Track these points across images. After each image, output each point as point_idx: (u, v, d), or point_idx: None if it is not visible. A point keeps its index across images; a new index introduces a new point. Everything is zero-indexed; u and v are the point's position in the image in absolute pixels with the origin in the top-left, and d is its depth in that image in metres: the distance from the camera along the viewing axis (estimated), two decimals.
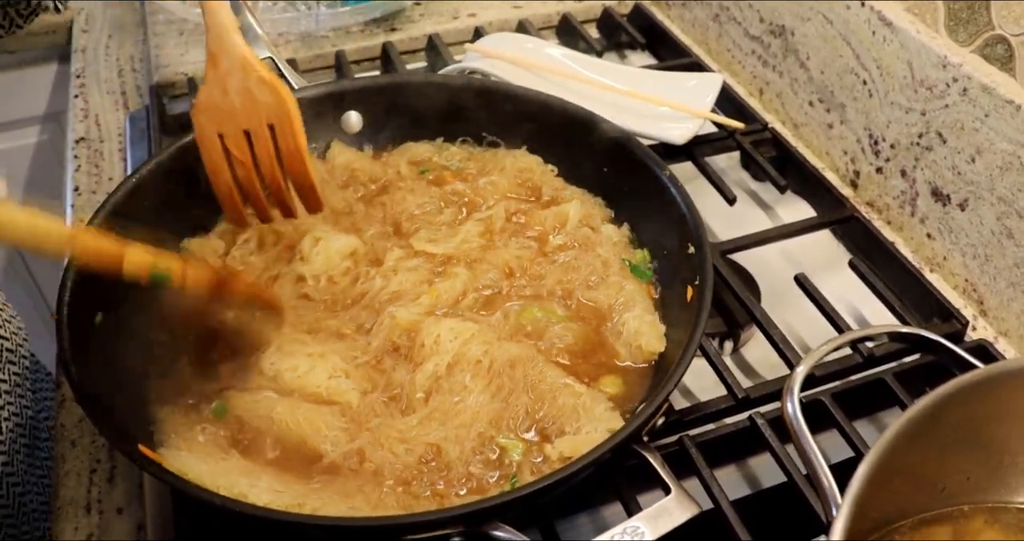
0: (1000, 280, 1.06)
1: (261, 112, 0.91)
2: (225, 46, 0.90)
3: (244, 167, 0.93)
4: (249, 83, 0.90)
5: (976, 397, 0.70)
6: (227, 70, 0.90)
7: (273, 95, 0.91)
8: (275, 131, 0.92)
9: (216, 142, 0.92)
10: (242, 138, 0.92)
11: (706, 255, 0.90)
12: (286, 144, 0.92)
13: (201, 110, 0.92)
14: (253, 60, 0.90)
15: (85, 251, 0.75)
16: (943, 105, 1.08)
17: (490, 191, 1.09)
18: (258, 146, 0.92)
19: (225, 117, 0.92)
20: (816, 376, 0.96)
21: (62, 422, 1.00)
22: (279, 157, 0.93)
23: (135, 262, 0.76)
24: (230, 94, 0.91)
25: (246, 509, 0.73)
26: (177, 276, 0.79)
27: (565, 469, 0.73)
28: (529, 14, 1.59)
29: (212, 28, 0.90)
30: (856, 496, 0.62)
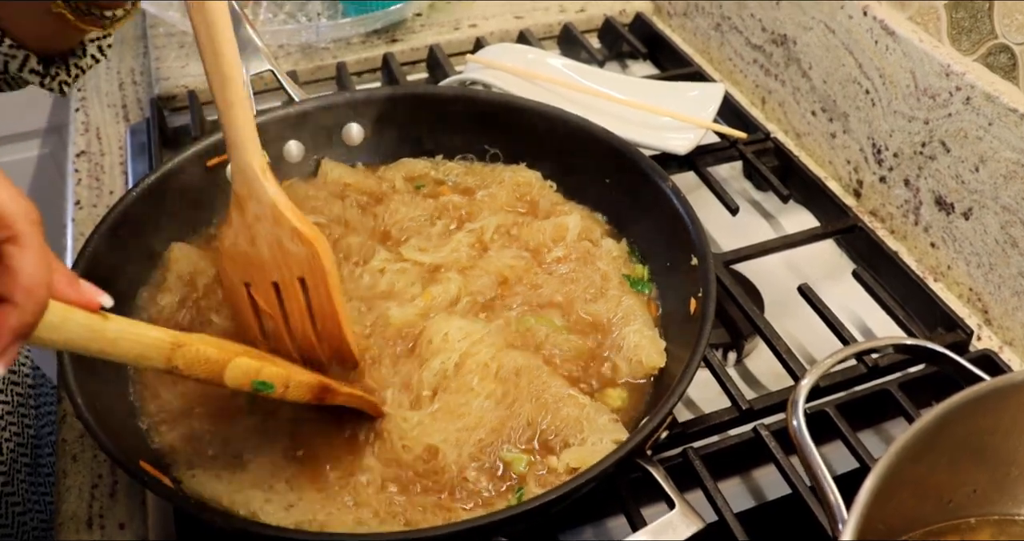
0: (1004, 289, 1.06)
1: (292, 265, 0.82)
2: (255, 191, 0.79)
3: (272, 319, 0.84)
4: (280, 234, 0.80)
5: (983, 410, 0.70)
6: (255, 217, 0.80)
7: (307, 248, 0.81)
8: (306, 285, 0.83)
9: (241, 290, 0.84)
10: (271, 290, 0.83)
11: (709, 266, 0.90)
12: (319, 301, 0.83)
13: (226, 257, 0.83)
14: (286, 208, 0.80)
15: (188, 362, 0.69)
16: (946, 114, 1.08)
17: (487, 204, 1.08)
18: (288, 300, 0.84)
19: (252, 266, 0.82)
20: (820, 387, 0.96)
21: (63, 437, 1.00)
22: (311, 312, 0.84)
23: (239, 373, 0.72)
24: (258, 242, 0.81)
25: (249, 527, 0.73)
26: (280, 385, 0.76)
27: (570, 483, 0.73)
28: (530, 24, 1.59)
29: (239, 168, 0.80)
30: (863, 509, 0.61)
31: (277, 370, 0.76)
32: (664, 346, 0.93)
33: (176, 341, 0.68)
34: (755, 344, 1.06)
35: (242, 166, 0.79)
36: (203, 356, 0.70)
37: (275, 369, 0.76)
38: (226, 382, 0.72)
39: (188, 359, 0.69)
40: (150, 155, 1.34)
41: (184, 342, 0.69)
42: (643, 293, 0.99)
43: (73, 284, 0.60)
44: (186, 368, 0.69)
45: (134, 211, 0.96)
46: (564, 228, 1.04)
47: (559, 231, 1.04)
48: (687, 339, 0.86)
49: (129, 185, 1.29)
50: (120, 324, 0.65)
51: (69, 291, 0.60)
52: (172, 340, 0.68)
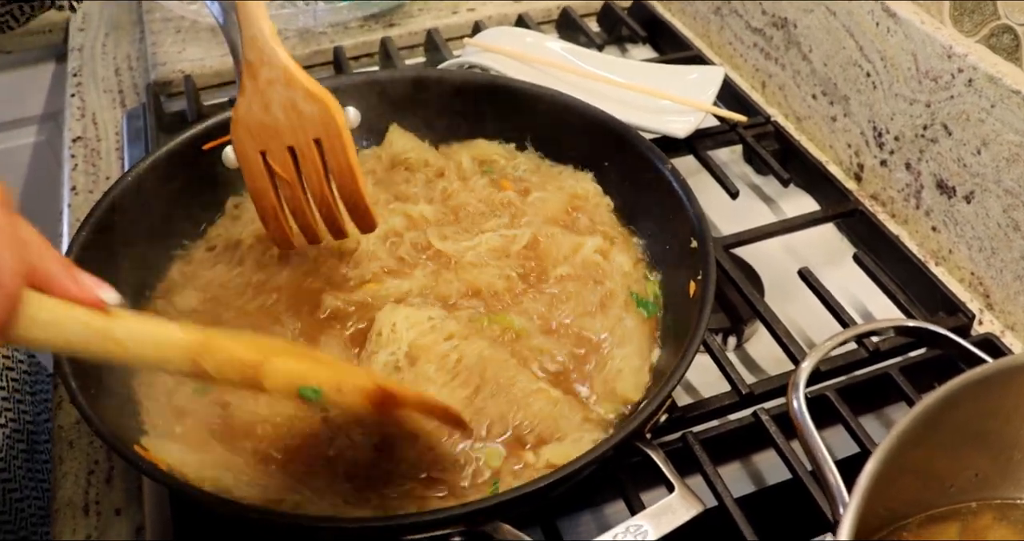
0: (1007, 273, 1.05)
1: (307, 127, 0.84)
2: (266, 56, 0.82)
3: (290, 186, 0.86)
4: (294, 96, 0.83)
5: (985, 393, 0.69)
6: (268, 82, 0.83)
7: (320, 108, 0.83)
8: (322, 146, 0.85)
9: (258, 159, 0.86)
10: (287, 155, 0.85)
11: (709, 248, 0.89)
12: (336, 160, 0.85)
13: (240, 125, 0.85)
14: (297, 71, 0.83)
15: (219, 367, 0.61)
16: (948, 96, 1.07)
17: (536, 208, 1.04)
18: (304, 163, 0.86)
19: (267, 133, 0.84)
20: (821, 371, 0.95)
21: (59, 423, 0.99)
22: (327, 174, 0.86)
23: (280, 376, 0.63)
24: (272, 108, 0.83)
25: (245, 511, 0.72)
26: (331, 391, 0.66)
27: (569, 466, 0.72)
28: (529, 8, 1.58)
29: (249, 35, 0.82)
30: (864, 493, 0.61)
31: (326, 374, 0.66)
32: (647, 381, 0.87)
33: (202, 340, 0.61)
34: (755, 329, 1.06)
35: (254, 33, 0.82)
36: (236, 358, 0.62)
37: (323, 373, 0.66)
38: (266, 387, 0.64)
39: (218, 362, 0.61)
40: (146, 140, 1.33)
41: (211, 342, 0.61)
42: (648, 314, 0.94)
43: (70, 276, 0.55)
44: (216, 372, 0.61)
45: (130, 197, 0.95)
46: (580, 248, 0.99)
47: (574, 249, 0.99)
48: (687, 321, 0.86)
49: (125, 170, 1.28)
50: (130, 322, 0.57)
51: (66, 284, 0.54)
52: (197, 339, 0.61)
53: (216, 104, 1.38)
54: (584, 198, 1.06)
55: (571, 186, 1.06)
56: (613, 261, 0.98)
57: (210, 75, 1.45)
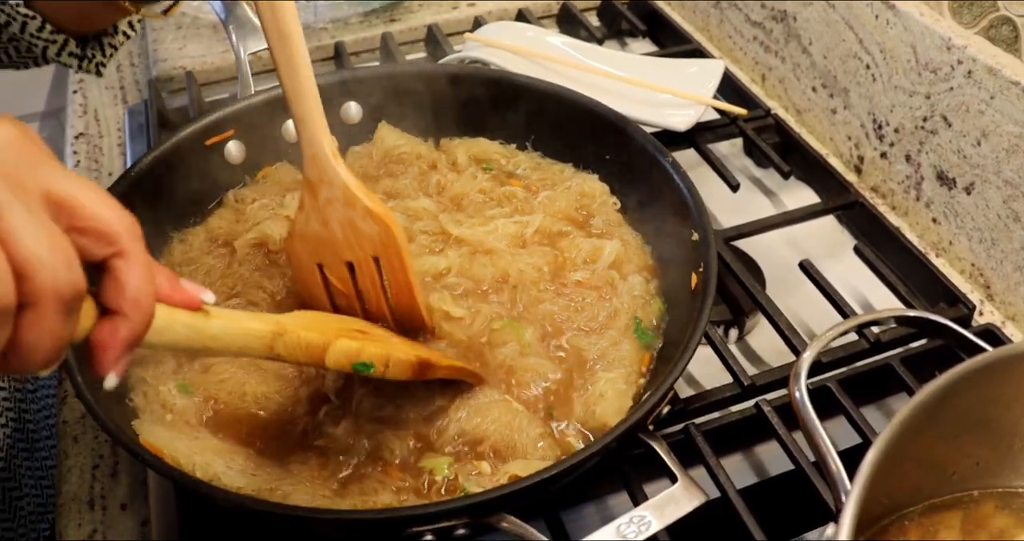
0: (1007, 264, 1.05)
1: (365, 244, 0.83)
2: (327, 175, 0.81)
3: (347, 299, 0.86)
4: (353, 215, 0.81)
5: (986, 381, 0.69)
6: (327, 200, 0.81)
7: (381, 228, 0.82)
8: (380, 263, 0.84)
9: (314, 271, 0.85)
10: (344, 270, 0.85)
11: (710, 240, 0.89)
12: (394, 278, 0.85)
13: (298, 240, 0.85)
14: (358, 189, 0.81)
15: (290, 349, 0.70)
16: (948, 88, 1.08)
17: (545, 206, 1.04)
18: (362, 278, 0.85)
19: (325, 248, 0.84)
20: (823, 362, 0.96)
21: (64, 418, 1.00)
22: (382, 286, 0.86)
23: (340, 355, 0.73)
24: (331, 224, 0.82)
25: (250, 504, 0.73)
26: (380, 365, 0.76)
27: (574, 457, 0.73)
28: (529, 3, 1.58)
29: (310, 153, 0.81)
30: (865, 482, 0.61)
31: (377, 350, 0.75)
32: (629, 407, 0.84)
33: (277, 329, 0.68)
34: (756, 321, 1.06)
35: (315, 152, 0.80)
36: (304, 342, 0.70)
37: (375, 349, 0.75)
38: (327, 364, 0.72)
39: (290, 346, 0.69)
40: (148, 136, 1.34)
41: (285, 330, 0.69)
42: (645, 344, 0.92)
43: (174, 285, 0.61)
44: (288, 355, 0.70)
45: (133, 191, 0.95)
46: (599, 252, 0.98)
47: (594, 254, 0.98)
48: (689, 313, 0.86)
49: (127, 167, 1.28)
50: (222, 319, 0.64)
51: (172, 293, 0.60)
52: (273, 329, 0.68)
53: (217, 100, 1.38)
54: (592, 197, 1.05)
55: (578, 184, 1.06)
56: (626, 280, 0.96)
57: (211, 71, 1.45)
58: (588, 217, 1.04)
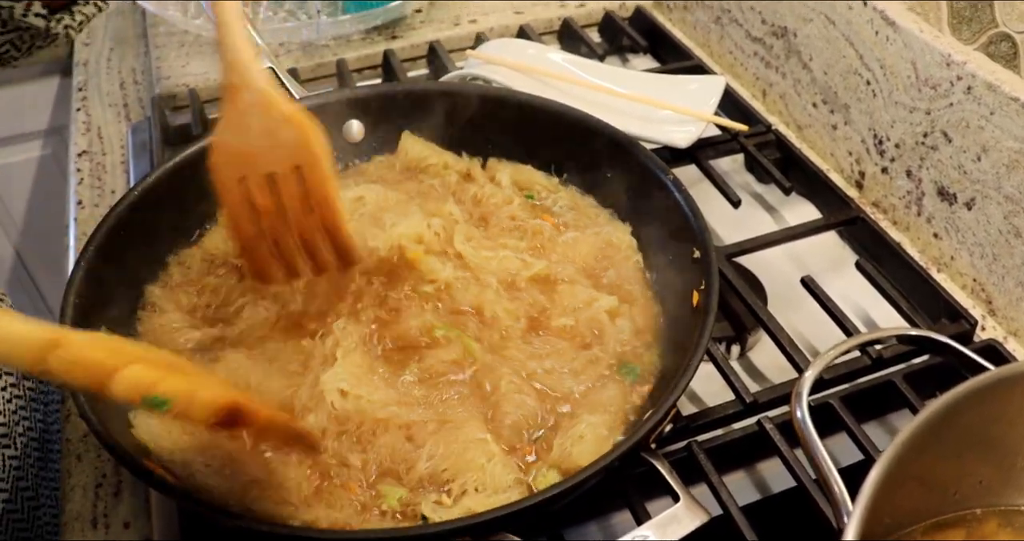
0: (1008, 279, 1.06)
1: (286, 153, 0.81)
2: (245, 78, 0.79)
3: (269, 215, 0.83)
4: (272, 121, 0.80)
5: (989, 399, 0.69)
6: (247, 106, 0.80)
7: (299, 134, 0.81)
8: (302, 174, 0.82)
9: (236, 187, 0.83)
10: (265, 183, 0.82)
11: (711, 258, 0.90)
12: (315, 189, 0.82)
13: (219, 151, 0.82)
14: (276, 94, 0.80)
15: (65, 367, 0.60)
16: (948, 104, 1.08)
17: (565, 248, 1.02)
18: (283, 191, 0.82)
19: (246, 159, 0.81)
20: (824, 379, 0.96)
21: (68, 436, 1.00)
22: (308, 203, 0.84)
23: (127, 385, 0.62)
24: (251, 133, 0.80)
25: (254, 525, 0.73)
26: (180, 404, 0.64)
27: (576, 476, 0.72)
28: (530, 19, 1.58)
29: (229, 57, 0.79)
30: (868, 501, 0.61)
31: (178, 385, 0.65)
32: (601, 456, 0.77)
33: (54, 338, 0.60)
34: (758, 337, 1.06)
35: (234, 56, 0.80)
36: (86, 360, 0.61)
37: (176, 384, 0.65)
38: (112, 393, 0.62)
39: (66, 362, 0.60)
40: (151, 154, 1.34)
41: (65, 342, 0.61)
42: (628, 379, 0.90)
43: None
44: (62, 371, 0.61)
45: (136, 210, 0.96)
46: (591, 303, 0.95)
47: (587, 303, 0.95)
48: (691, 330, 0.86)
49: (131, 184, 1.29)
50: None
51: None
52: (49, 337, 0.60)
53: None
54: (616, 248, 1.02)
55: (607, 233, 1.03)
56: (616, 325, 0.94)
57: (214, 88, 1.45)
58: (604, 268, 1.00)
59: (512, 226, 1.04)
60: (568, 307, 0.95)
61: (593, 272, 1.01)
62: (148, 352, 0.68)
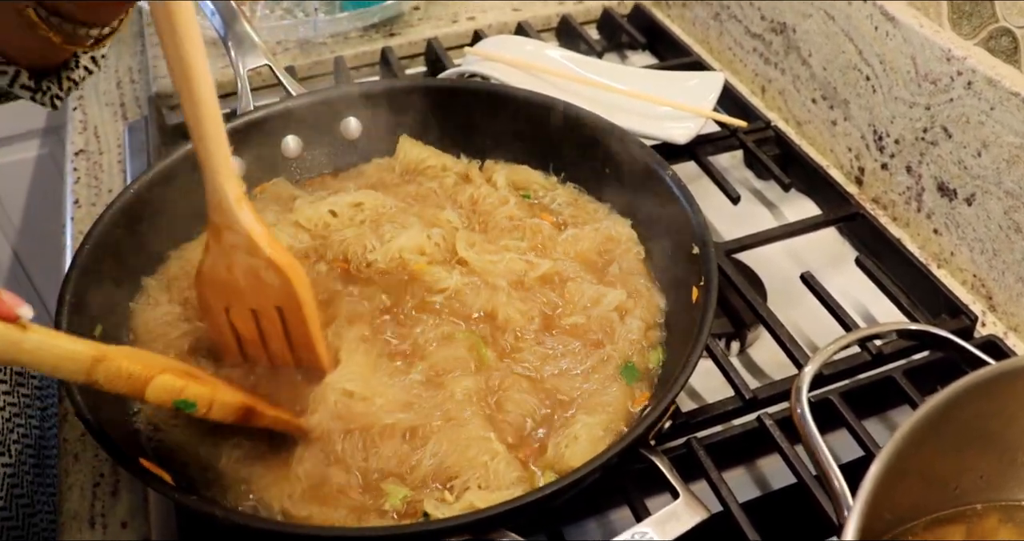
0: (1009, 275, 1.05)
1: (268, 294, 0.81)
2: (228, 220, 0.78)
3: (251, 345, 0.85)
4: (256, 263, 0.80)
5: (989, 394, 0.69)
6: (231, 246, 0.80)
7: (282, 280, 0.80)
8: (284, 314, 0.83)
9: (221, 313, 0.84)
10: (248, 316, 0.84)
11: (710, 254, 0.89)
12: (296, 331, 0.84)
13: (205, 283, 0.83)
14: (260, 238, 0.79)
15: (109, 378, 0.69)
16: (948, 99, 1.07)
17: (567, 245, 1.01)
18: (265, 326, 0.84)
19: (230, 293, 0.83)
20: (824, 375, 0.96)
21: (65, 436, 0.99)
22: (287, 336, 0.85)
23: (161, 391, 0.71)
24: (235, 270, 0.81)
25: (250, 522, 0.73)
26: (203, 406, 0.74)
27: (575, 473, 0.72)
28: (528, 16, 1.58)
29: (214, 200, 0.78)
30: (868, 496, 0.61)
31: (201, 390, 0.74)
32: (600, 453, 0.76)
33: (98, 355, 0.68)
34: (758, 334, 1.06)
35: (218, 197, 0.78)
36: (125, 372, 0.69)
37: (199, 389, 0.74)
38: (147, 398, 0.71)
39: (109, 374, 0.69)
40: (148, 153, 1.34)
41: (107, 357, 0.68)
42: (630, 380, 0.89)
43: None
44: (106, 383, 0.69)
45: (132, 207, 0.96)
46: (601, 299, 0.95)
47: (596, 300, 0.95)
48: (690, 327, 0.86)
49: (127, 183, 1.28)
50: (40, 335, 0.64)
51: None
52: (94, 353, 0.68)
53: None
54: (617, 241, 1.02)
55: (606, 228, 1.03)
56: (626, 323, 0.93)
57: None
58: (608, 262, 1.00)
59: (511, 226, 1.03)
60: (578, 304, 0.95)
61: (597, 267, 1.00)
62: (173, 363, 0.77)
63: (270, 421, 0.81)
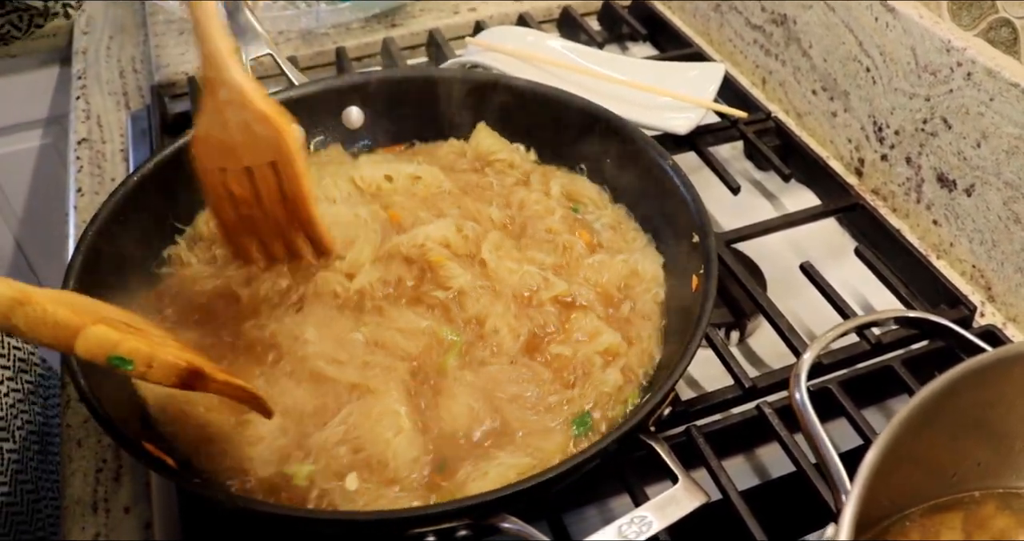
0: (1008, 265, 1.06)
1: (262, 148, 0.83)
2: (222, 74, 0.81)
3: (246, 205, 0.86)
4: (248, 117, 0.82)
5: (986, 381, 0.69)
6: (225, 101, 0.82)
7: (273, 132, 0.82)
8: (277, 170, 0.84)
9: (216, 176, 0.85)
10: (243, 175, 0.85)
11: (710, 242, 0.90)
12: (289, 185, 0.85)
13: (199, 143, 0.85)
14: (252, 91, 0.81)
15: (31, 324, 0.62)
16: (947, 90, 1.08)
17: (590, 270, 0.98)
18: (260, 184, 0.85)
19: (225, 152, 0.84)
20: (824, 364, 0.96)
21: (68, 422, 1.00)
22: (283, 195, 0.86)
23: (92, 343, 0.64)
24: (229, 127, 0.82)
25: (252, 506, 0.73)
26: (141, 364, 0.66)
27: (577, 457, 0.73)
28: (529, 7, 1.58)
29: (207, 53, 0.81)
30: (865, 481, 0.61)
31: (138, 346, 0.66)
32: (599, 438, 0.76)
33: (20, 297, 0.62)
34: (758, 323, 1.06)
35: (211, 50, 0.81)
36: (52, 318, 0.62)
37: (136, 344, 0.66)
38: (76, 351, 0.64)
39: (32, 320, 0.62)
40: (151, 141, 1.34)
41: (30, 300, 0.62)
42: (579, 431, 0.85)
43: None
44: (28, 329, 0.62)
45: (135, 196, 0.96)
46: (594, 336, 0.92)
47: (591, 335, 0.92)
48: (690, 315, 0.86)
49: (130, 172, 1.29)
50: None
51: None
52: (14, 295, 0.62)
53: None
54: (640, 278, 0.98)
55: (635, 261, 0.98)
56: (605, 373, 0.89)
57: None
58: (623, 299, 0.96)
59: (546, 239, 1.01)
60: (572, 335, 0.92)
61: (612, 301, 0.96)
62: (112, 311, 0.71)
63: (219, 387, 0.73)
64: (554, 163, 1.11)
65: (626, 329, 0.93)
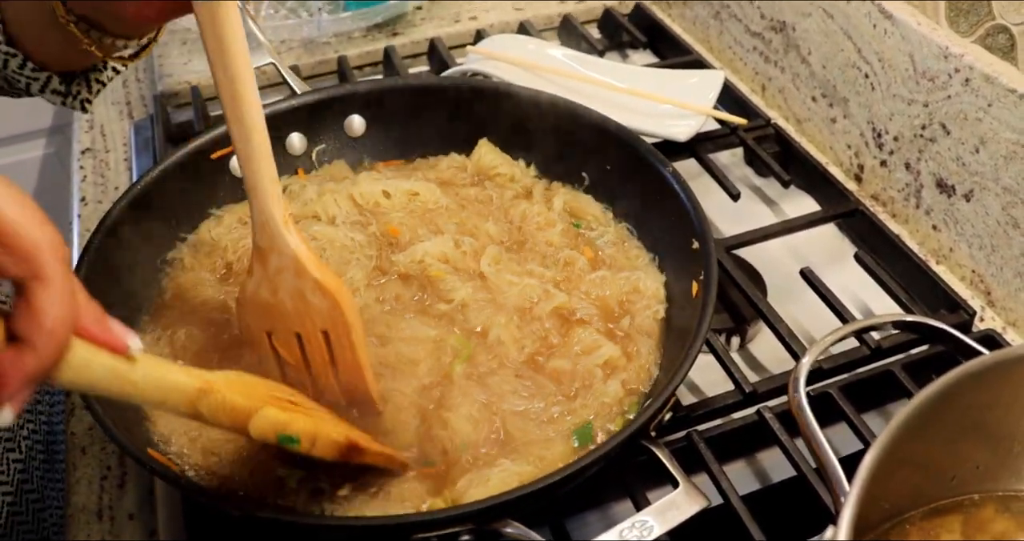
0: (1007, 270, 1.06)
1: (314, 317, 0.79)
2: (276, 244, 0.77)
3: (295, 369, 0.83)
4: (303, 286, 0.78)
5: (984, 384, 0.70)
6: (277, 269, 0.78)
7: (330, 302, 0.79)
8: (329, 338, 0.81)
9: (263, 339, 0.82)
10: (293, 340, 0.81)
11: (710, 248, 0.90)
12: (343, 355, 0.81)
13: (247, 307, 0.81)
14: (308, 261, 0.78)
15: (212, 410, 0.66)
16: (946, 96, 1.08)
17: (591, 286, 0.98)
18: (311, 351, 0.82)
19: (274, 317, 0.80)
20: (824, 369, 0.96)
21: (72, 430, 1.01)
22: (332, 361, 0.82)
23: (265, 425, 0.69)
24: (280, 294, 0.79)
25: (257, 512, 0.73)
26: (307, 442, 0.72)
27: (578, 462, 0.73)
28: (530, 16, 1.59)
29: (260, 220, 0.77)
30: (863, 484, 0.62)
31: (305, 426, 0.72)
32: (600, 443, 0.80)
33: (203, 386, 0.66)
34: (758, 329, 1.07)
35: (265, 218, 0.76)
36: (229, 405, 0.67)
37: (303, 425, 0.72)
38: (251, 433, 0.69)
39: (213, 407, 0.66)
40: (154, 151, 1.35)
41: (211, 389, 0.66)
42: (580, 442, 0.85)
43: (102, 324, 0.57)
44: (210, 416, 0.67)
45: (138, 205, 0.96)
46: (594, 348, 0.92)
47: (590, 348, 0.92)
48: (690, 321, 0.87)
49: (133, 181, 1.29)
50: (147, 367, 0.62)
51: (97, 332, 0.57)
52: (199, 386, 0.66)
53: (223, 114, 1.39)
54: (641, 295, 0.97)
55: (636, 279, 0.98)
56: (606, 385, 0.89)
57: None
58: (623, 315, 0.96)
59: (546, 253, 1.01)
60: (571, 348, 0.92)
61: (612, 316, 0.96)
62: (273, 388, 0.75)
63: (372, 458, 0.78)
64: (555, 171, 1.11)
65: (625, 344, 0.93)
